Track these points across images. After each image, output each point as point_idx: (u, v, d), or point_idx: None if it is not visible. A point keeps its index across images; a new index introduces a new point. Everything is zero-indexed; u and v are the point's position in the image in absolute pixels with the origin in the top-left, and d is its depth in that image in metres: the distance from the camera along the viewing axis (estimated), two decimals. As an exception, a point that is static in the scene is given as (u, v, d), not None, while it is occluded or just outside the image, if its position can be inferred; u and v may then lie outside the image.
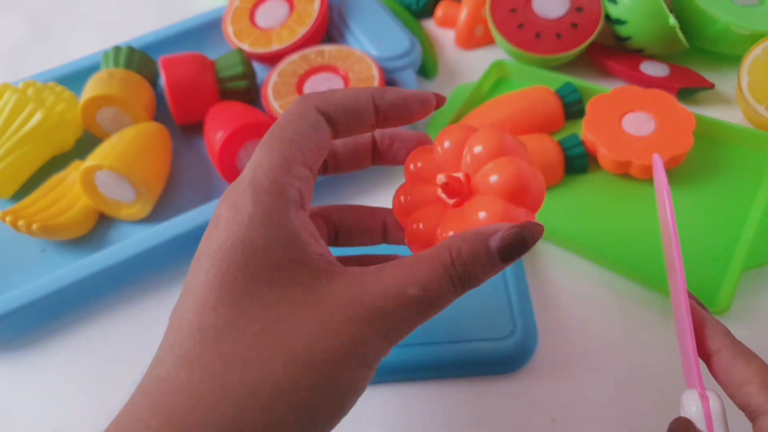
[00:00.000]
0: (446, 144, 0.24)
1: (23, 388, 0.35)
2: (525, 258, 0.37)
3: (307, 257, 0.20)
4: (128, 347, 0.36)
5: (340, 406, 0.19)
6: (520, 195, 0.22)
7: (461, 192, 0.23)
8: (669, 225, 0.25)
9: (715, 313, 0.33)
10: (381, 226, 0.26)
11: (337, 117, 0.23)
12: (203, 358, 0.18)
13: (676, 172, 0.40)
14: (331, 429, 0.19)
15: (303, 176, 0.22)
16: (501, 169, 0.22)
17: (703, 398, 0.22)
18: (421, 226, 0.24)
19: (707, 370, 0.24)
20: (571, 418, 0.31)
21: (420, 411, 0.32)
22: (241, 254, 0.20)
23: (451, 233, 0.22)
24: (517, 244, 0.21)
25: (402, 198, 0.25)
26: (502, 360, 0.33)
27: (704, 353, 0.24)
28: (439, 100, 0.25)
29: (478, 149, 0.23)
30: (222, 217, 0.21)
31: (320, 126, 0.22)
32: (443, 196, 0.23)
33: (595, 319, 0.35)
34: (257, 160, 0.21)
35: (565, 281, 0.37)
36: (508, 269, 0.35)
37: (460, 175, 0.23)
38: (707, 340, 0.24)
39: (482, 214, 0.22)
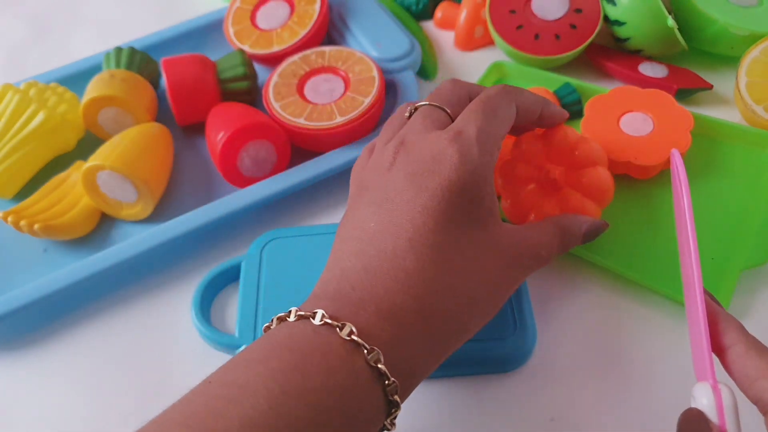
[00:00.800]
0: (556, 139, 0.34)
1: (24, 388, 0.35)
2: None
3: (494, 210, 0.28)
4: (129, 347, 0.36)
5: (489, 318, 0.28)
6: (600, 197, 0.34)
7: (560, 184, 0.34)
8: (686, 219, 0.25)
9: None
10: None
11: (521, 114, 0.31)
12: (441, 263, 0.26)
13: (674, 172, 0.40)
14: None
15: (499, 149, 0.29)
16: (596, 177, 0.34)
17: (716, 391, 0.22)
18: (520, 196, 0.34)
19: (719, 364, 0.24)
20: (570, 418, 0.32)
21: (418, 410, 0.32)
22: (466, 195, 0.27)
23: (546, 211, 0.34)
24: (594, 234, 0.32)
25: (502, 171, 0.35)
26: (501, 359, 0.33)
27: (717, 347, 0.24)
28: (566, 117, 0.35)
29: (582, 154, 0.34)
30: (453, 158, 0.27)
31: (513, 118, 0.31)
32: (545, 182, 0.34)
33: (594, 318, 0.35)
34: (479, 123, 0.28)
35: (564, 280, 0.37)
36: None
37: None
38: (721, 335, 0.24)
39: (577, 204, 0.33)
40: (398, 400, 0.24)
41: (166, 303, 0.38)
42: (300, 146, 0.42)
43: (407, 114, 0.32)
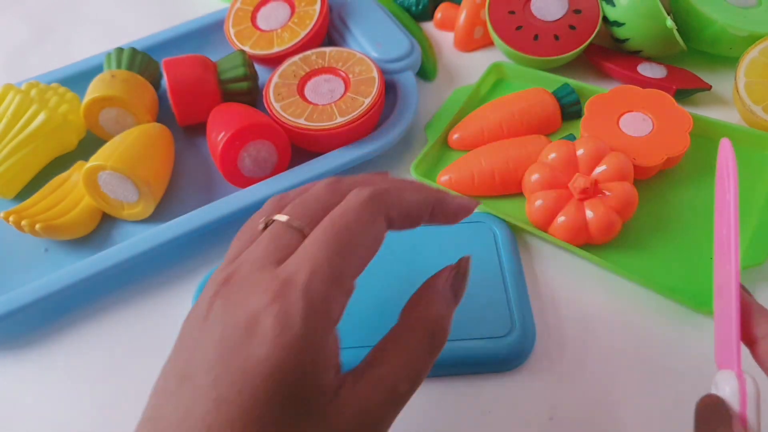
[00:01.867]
0: (581, 151, 0.37)
1: (24, 388, 0.35)
2: (523, 256, 0.38)
3: (334, 385, 0.21)
4: (131, 346, 0.36)
5: None
6: (625, 211, 0.36)
7: (591, 193, 0.36)
8: (730, 210, 0.25)
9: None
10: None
11: (398, 223, 0.24)
12: None
13: (673, 172, 0.40)
14: None
15: (350, 291, 0.22)
16: (623, 191, 0.36)
17: (740, 379, 0.22)
18: (549, 199, 0.36)
19: (744, 356, 0.24)
20: (569, 416, 0.32)
21: (418, 409, 0.32)
22: (289, 378, 0.20)
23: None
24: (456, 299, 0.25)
25: (533, 176, 0.37)
26: (500, 358, 0.33)
27: (748, 338, 0.24)
28: (474, 207, 0.26)
29: (611, 168, 0.36)
30: (266, 329, 0.20)
31: (382, 237, 0.23)
32: (575, 191, 0.36)
33: (593, 317, 0.35)
34: (317, 263, 0.21)
35: (563, 279, 0.37)
36: (506, 268, 0.35)
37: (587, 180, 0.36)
38: (753, 326, 0.24)
39: (603, 215, 0.35)
40: None
41: (167, 303, 0.38)
42: (300, 146, 0.43)
43: (261, 226, 0.24)
